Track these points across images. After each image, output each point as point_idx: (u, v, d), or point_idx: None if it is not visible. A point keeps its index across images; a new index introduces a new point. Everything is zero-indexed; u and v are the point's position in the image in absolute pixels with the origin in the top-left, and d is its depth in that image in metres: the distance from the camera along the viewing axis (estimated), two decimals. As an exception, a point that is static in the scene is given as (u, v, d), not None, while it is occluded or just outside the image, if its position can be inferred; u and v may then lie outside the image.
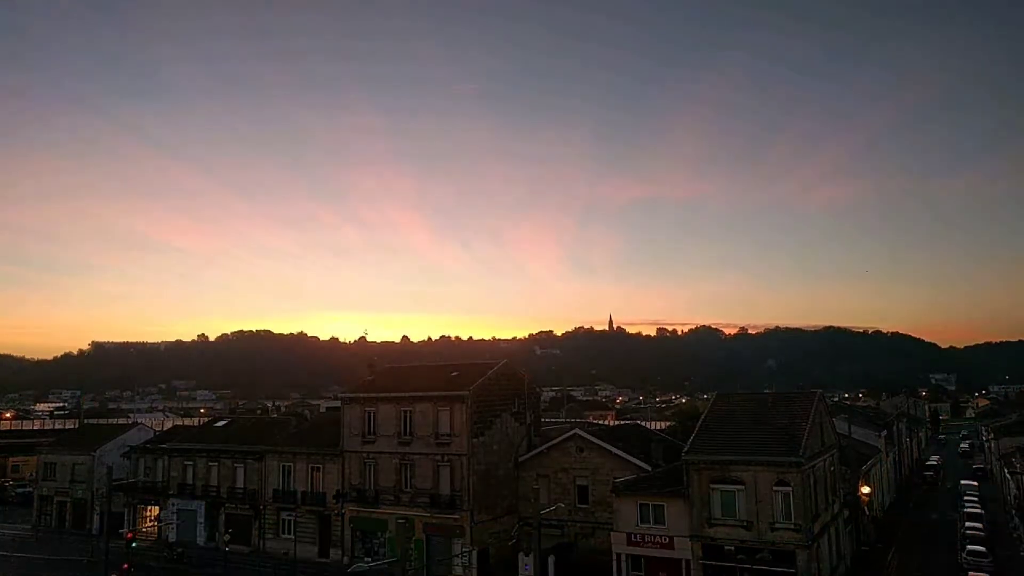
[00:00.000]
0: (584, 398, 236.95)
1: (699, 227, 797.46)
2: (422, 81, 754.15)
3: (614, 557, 44.23)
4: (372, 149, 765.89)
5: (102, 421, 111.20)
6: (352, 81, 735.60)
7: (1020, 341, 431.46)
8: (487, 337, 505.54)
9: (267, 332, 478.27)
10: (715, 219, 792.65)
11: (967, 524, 59.13)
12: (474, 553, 49.91)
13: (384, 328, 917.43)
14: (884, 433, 78.24)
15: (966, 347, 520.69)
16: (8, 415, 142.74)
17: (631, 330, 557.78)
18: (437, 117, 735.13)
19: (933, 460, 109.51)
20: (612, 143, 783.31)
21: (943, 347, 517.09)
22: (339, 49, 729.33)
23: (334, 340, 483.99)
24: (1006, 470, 74.46)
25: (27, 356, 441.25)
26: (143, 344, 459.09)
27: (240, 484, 63.43)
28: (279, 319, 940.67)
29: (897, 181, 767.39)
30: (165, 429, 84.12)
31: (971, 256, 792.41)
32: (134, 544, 49.34)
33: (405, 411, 55.09)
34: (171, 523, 66.03)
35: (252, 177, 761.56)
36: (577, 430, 56.00)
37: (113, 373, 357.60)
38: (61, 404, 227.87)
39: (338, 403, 63.73)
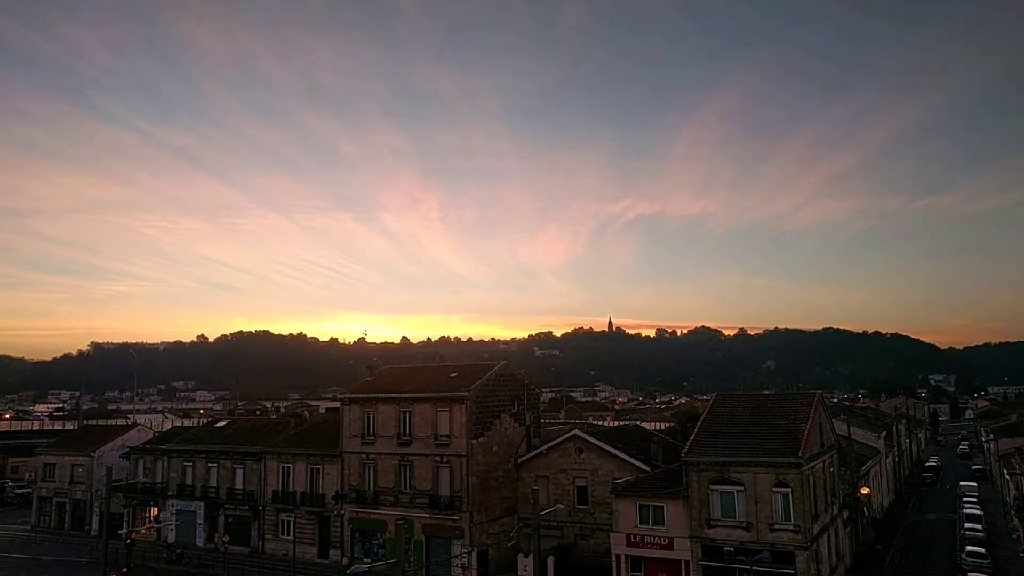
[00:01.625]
0: (584, 399, 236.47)
1: (700, 240, 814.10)
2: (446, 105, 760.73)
3: (613, 558, 44.21)
4: (381, 155, 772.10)
5: (101, 422, 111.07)
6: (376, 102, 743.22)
7: (1020, 342, 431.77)
8: (487, 338, 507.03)
9: (267, 333, 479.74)
10: (715, 233, 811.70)
11: (966, 525, 59.21)
12: (473, 554, 49.92)
13: (383, 328, 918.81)
14: (883, 434, 78.29)
15: (965, 348, 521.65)
16: (7, 416, 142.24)
17: (631, 331, 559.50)
18: (461, 137, 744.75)
19: (932, 461, 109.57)
20: (621, 164, 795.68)
21: (942, 348, 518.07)
22: (367, 76, 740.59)
23: (334, 341, 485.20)
24: (1005, 471, 74.44)
25: (26, 356, 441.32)
26: (142, 344, 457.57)
27: (239, 485, 63.39)
28: (279, 320, 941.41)
29: (894, 194, 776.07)
30: (164, 430, 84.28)
31: (970, 257, 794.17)
32: (132, 544, 49.25)
33: (404, 412, 55.08)
34: (170, 524, 66.05)
35: (261, 184, 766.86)
36: (576, 431, 55.94)
37: (112, 373, 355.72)
38: (60, 405, 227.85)
39: (337, 404, 63.69)
